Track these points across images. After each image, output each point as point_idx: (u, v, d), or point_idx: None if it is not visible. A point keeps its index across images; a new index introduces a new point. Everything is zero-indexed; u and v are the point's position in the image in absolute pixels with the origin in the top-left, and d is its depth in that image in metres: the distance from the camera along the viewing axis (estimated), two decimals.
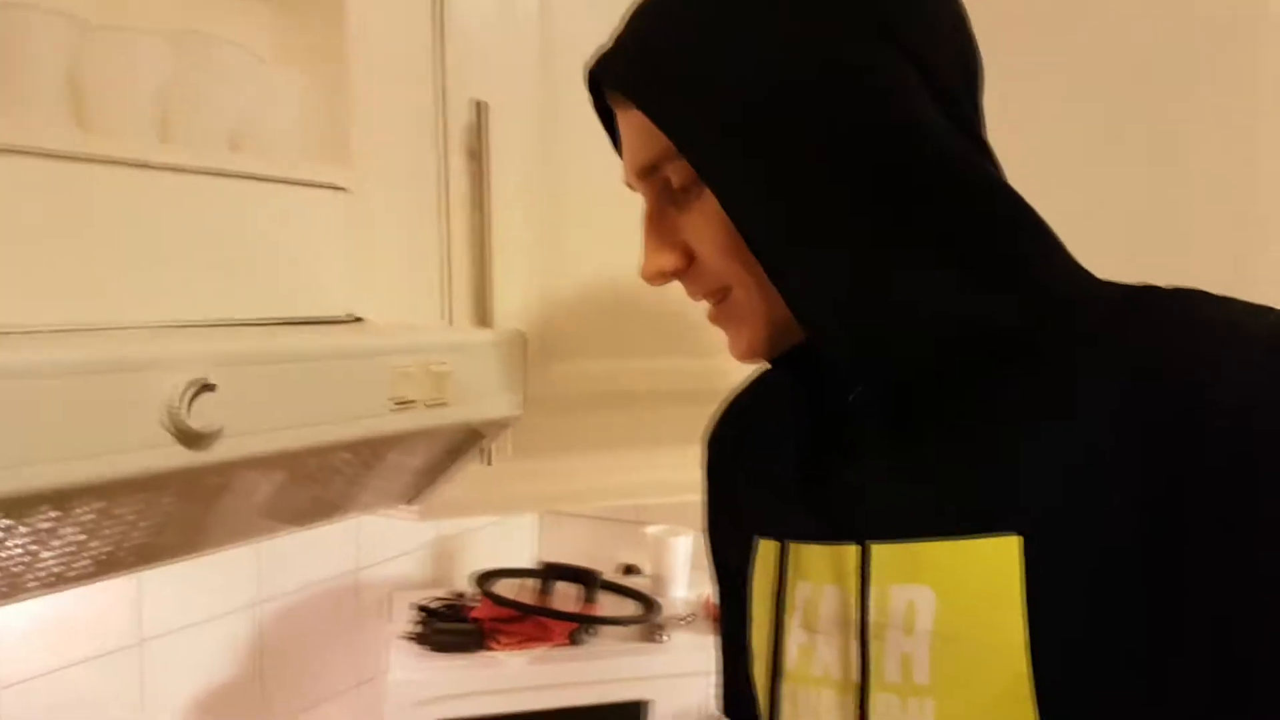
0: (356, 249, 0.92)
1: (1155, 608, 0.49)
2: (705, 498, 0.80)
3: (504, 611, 1.27)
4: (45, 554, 0.60)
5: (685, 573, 1.47)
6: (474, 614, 1.29)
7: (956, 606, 0.54)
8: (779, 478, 0.68)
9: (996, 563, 0.52)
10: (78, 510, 0.57)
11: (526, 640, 1.24)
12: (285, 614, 1.28)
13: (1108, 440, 0.50)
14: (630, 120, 0.58)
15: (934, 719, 0.54)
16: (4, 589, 0.62)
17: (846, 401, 0.61)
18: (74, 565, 0.64)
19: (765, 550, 0.67)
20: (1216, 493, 0.47)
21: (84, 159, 0.70)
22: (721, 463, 0.78)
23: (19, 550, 0.58)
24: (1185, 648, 0.48)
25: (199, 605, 1.17)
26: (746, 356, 0.63)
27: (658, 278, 0.60)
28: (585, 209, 1.06)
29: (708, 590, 1.44)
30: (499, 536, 1.71)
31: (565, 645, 1.24)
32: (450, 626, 1.24)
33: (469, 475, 1.01)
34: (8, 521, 0.54)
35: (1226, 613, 0.47)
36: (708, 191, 0.55)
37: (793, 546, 0.64)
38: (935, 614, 0.55)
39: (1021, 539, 0.51)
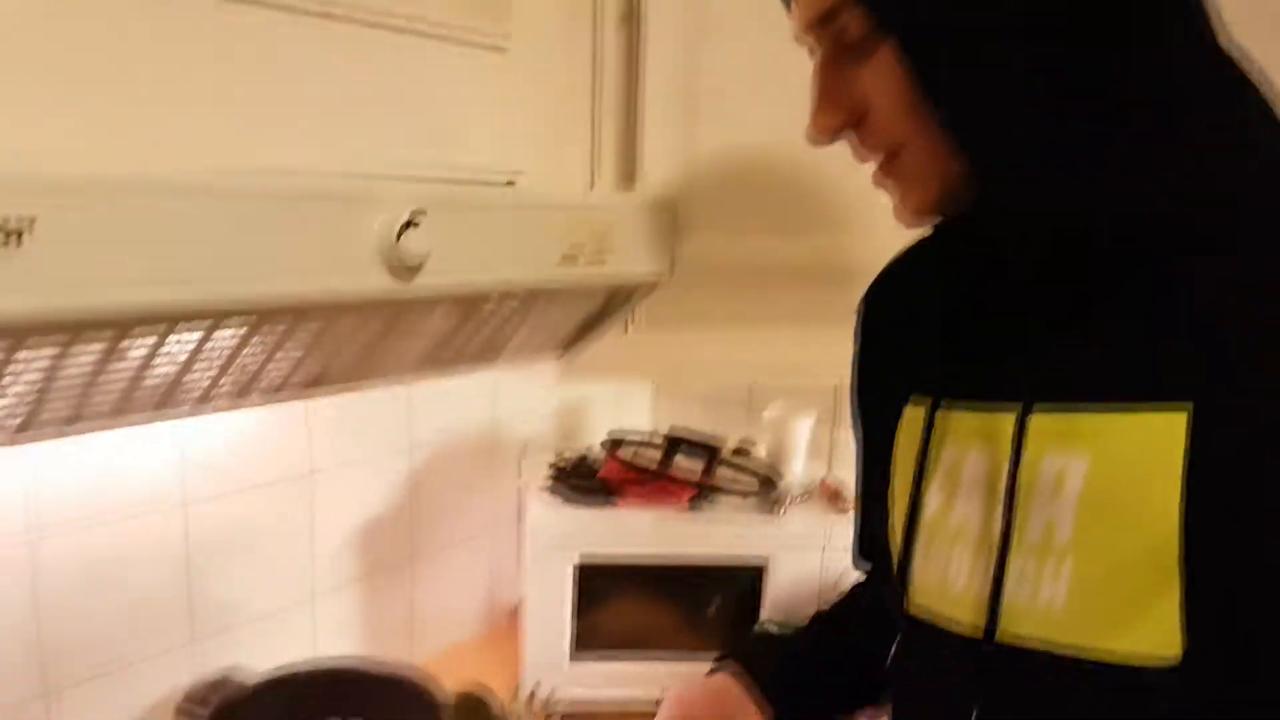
0: (510, 110, 0.95)
1: None
2: (856, 356, 0.80)
3: (629, 473, 1.35)
4: (271, 365, 0.69)
5: (803, 454, 1.52)
6: (601, 474, 1.38)
7: (1110, 475, 0.54)
8: (936, 341, 0.68)
9: (1159, 434, 0.52)
10: (303, 324, 0.65)
11: (649, 502, 1.32)
12: (432, 460, 1.40)
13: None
14: None
15: (1070, 578, 0.55)
16: (236, 393, 0.72)
17: (1011, 268, 0.60)
18: (292, 379, 0.73)
19: (915, 410, 0.69)
20: None
21: (268, 5, 0.72)
22: (876, 322, 0.78)
23: (252, 360, 0.67)
24: None
25: (359, 446, 1.29)
26: (913, 218, 0.62)
27: (826, 135, 0.59)
28: (733, 80, 1.06)
29: (823, 473, 1.49)
30: (619, 407, 1.79)
31: (685, 510, 1.32)
32: (580, 481, 1.33)
33: (607, 342, 1.07)
34: (244, 330, 0.63)
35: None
36: (886, 44, 0.54)
37: (943, 408, 0.65)
38: (1086, 481, 0.55)
39: (1189, 412, 0.51)
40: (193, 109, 0.69)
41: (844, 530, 1.15)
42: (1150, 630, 0.53)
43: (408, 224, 0.64)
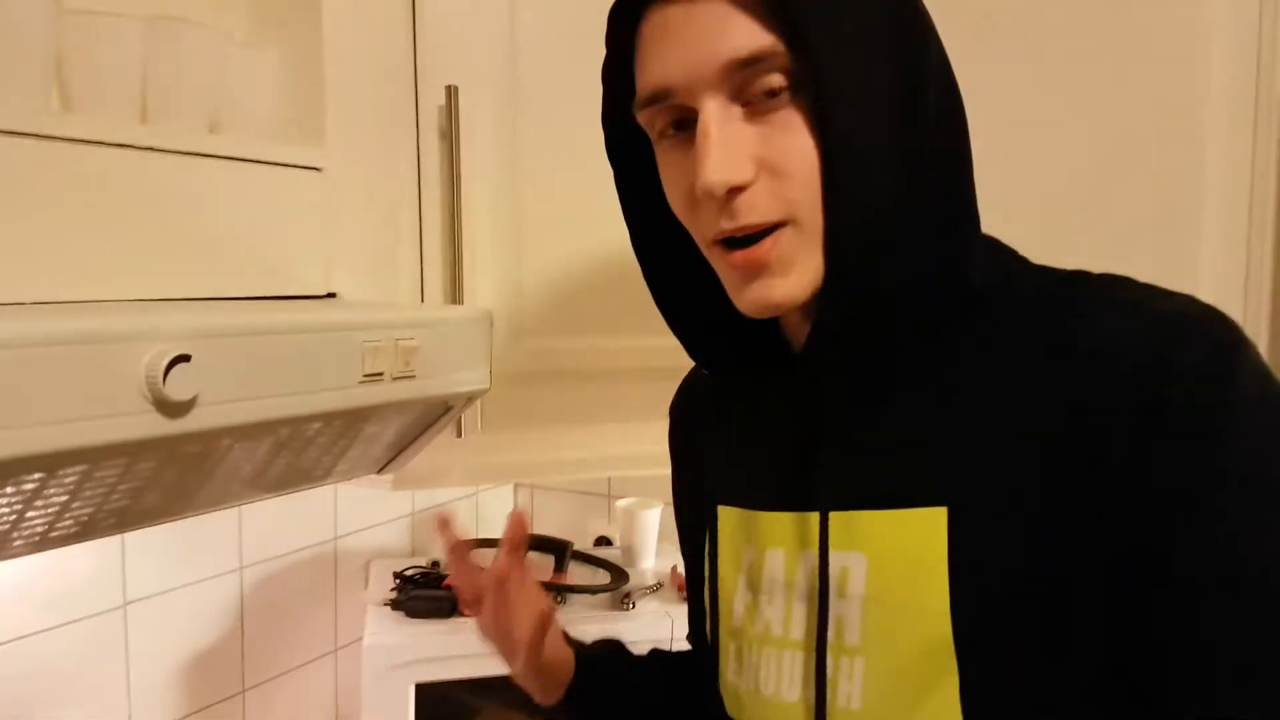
0: (333, 227, 0.95)
1: (1070, 573, 0.52)
2: (672, 466, 0.83)
3: None
4: (31, 514, 0.64)
5: (653, 544, 1.52)
6: (448, 582, 1.33)
7: (886, 572, 0.57)
8: (737, 448, 0.71)
9: (923, 532, 0.55)
10: (62, 473, 0.61)
11: None
12: (266, 580, 1.33)
13: (1033, 412, 0.54)
14: (718, 10, 0.52)
15: (863, 676, 0.58)
16: (25, 546, 0.66)
17: (805, 376, 0.62)
18: (58, 526, 0.68)
19: (723, 516, 0.71)
20: (1127, 458, 0.50)
21: (67, 139, 0.72)
22: (684, 433, 0.81)
23: (6, 511, 0.62)
24: (1094, 612, 0.51)
25: (181, 570, 1.21)
26: (762, 306, 0.57)
27: (725, 190, 0.53)
28: (553, 189, 1.09)
29: (675, 560, 1.49)
30: (476, 509, 1.75)
31: None
32: (425, 594, 1.29)
33: (441, 446, 1.04)
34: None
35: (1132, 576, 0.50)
36: (800, 100, 0.53)
37: (748, 513, 0.68)
38: (867, 578, 0.58)
39: (948, 510, 0.55)
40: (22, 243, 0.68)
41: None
42: None
43: (176, 360, 0.61)
